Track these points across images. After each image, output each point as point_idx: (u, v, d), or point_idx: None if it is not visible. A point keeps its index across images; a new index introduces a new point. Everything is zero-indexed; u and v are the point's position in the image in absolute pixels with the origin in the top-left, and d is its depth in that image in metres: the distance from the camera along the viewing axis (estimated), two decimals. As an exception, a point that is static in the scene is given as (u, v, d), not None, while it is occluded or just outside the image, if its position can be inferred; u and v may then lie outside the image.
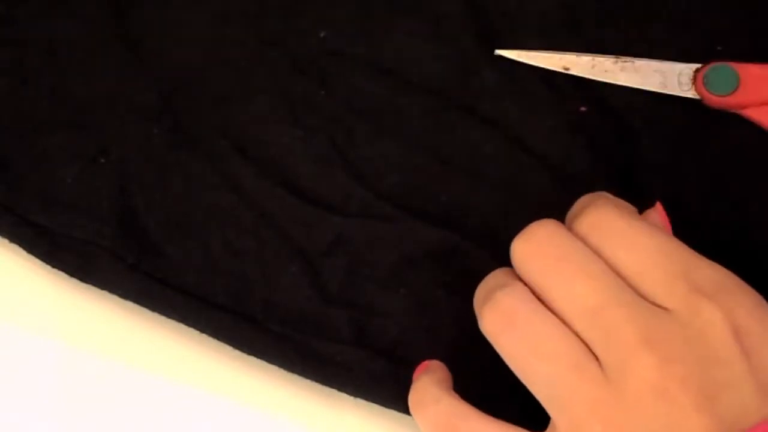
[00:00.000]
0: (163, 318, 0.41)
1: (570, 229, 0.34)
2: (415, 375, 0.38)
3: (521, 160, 0.42)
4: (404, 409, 0.38)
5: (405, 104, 0.43)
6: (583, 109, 0.42)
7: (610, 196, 0.36)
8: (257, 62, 0.44)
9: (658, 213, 0.36)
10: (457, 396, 0.35)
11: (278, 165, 0.43)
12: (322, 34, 0.44)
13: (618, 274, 0.32)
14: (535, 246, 0.34)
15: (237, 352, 0.40)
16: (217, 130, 0.43)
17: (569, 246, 0.33)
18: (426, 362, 0.38)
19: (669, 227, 0.36)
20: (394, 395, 0.39)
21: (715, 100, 0.40)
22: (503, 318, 0.33)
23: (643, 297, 0.32)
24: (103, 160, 0.43)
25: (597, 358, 0.31)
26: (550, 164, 0.41)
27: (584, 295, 0.32)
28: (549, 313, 0.33)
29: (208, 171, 0.43)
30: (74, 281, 0.41)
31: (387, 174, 0.42)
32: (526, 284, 0.34)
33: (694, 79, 0.41)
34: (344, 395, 0.39)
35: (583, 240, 0.33)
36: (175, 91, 0.44)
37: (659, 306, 0.32)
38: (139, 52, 0.44)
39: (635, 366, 0.30)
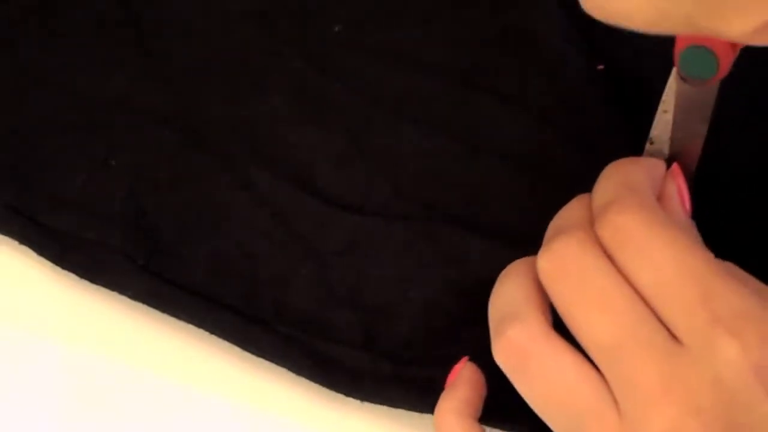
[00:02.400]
0: (167, 319, 0.40)
1: (595, 222, 0.33)
2: (447, 383, 0.36)
3: (544, 134, 0.41)
4: (412, 407, 0.37)
5: (424, 89, 0.42)
6: (600, 67, 0.41)
7: (636, 166, 0.34)
8: (271, 60, 0.43)
9: (674, 178, 0.35)
10: (476, 426, 0.34)
11: (293, 164, 0.42)
12: (336, 29, 0.43)
13: (639, 292, 0.31)
14: (558, 267, 0.32)
15: (242, 353, 0.39)
16: (230, 129, 0.43)
17: (591, 269, 0.32)
18: (457, 368, 0.36)
19: (686, 194, 0.35)
20: (400, 397, 0.38)
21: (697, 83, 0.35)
22: (515, 357, 0.32)
23: (662, 322, 0.31)
24: (113, 162, 0.43)
25: (616, 399, 0.30)
26: (572, 135, 0.41)
27: (602, 329, 0.31)
28: (565, 350, 0.31)
29: (220, 171, 0.42)
30: (78, 282, 0.41)
31: (407, 162, 0.41)
32: (552, 301, 0.33)
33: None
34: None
35: (606, 248, 0.32)
36: (187, 91, 0.43)
37: (678, 336, 0.30)
38: (151, 53, 0.44)
39: (654, 417, 0.29)
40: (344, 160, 0.42)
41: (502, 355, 0.32)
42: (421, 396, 0.37)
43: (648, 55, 0.40)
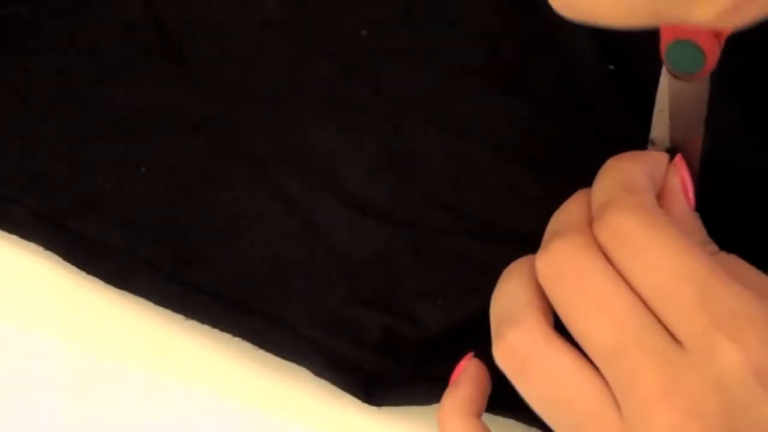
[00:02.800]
0: (170, 318, 0.40)
1: (593, 223, 0.32)
2: (451, 380, 0.36)
3: (573, 139, 0.40)
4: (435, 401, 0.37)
5: (453, 92, 0.42)
6: (611, 67, 0.41)
7: (635, 162, 0.34)
8: (299, 66, 0.43)
9: (678, 170, 0.35)
10: (479, 424, 0.34)
11: (324, 171, 0.41)
12: (363, 33, 0.43)
13: (638, 294, 0.31)
14: (555, 269, 0.32)
15: (246, 353, 0.39)
16: (260, 136, 0.42)
17: (589, 271, 0.31)
18: (462, 365, 0.36)
19: (690, 186, 0.35)
20: (423, 392, 0.37)
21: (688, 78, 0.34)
22: (515, 361, 0.32)
23: (663, 324, 0.30)
24: (143, 169, 0.42)
25: (617, 402, 0.30)
26: (593, 135, 0.40)
27: (602, 333, 0.30)
28: (565, 353, 0.31)
29: (251, 178, 0.42)
30: (79, 281, 0.41)
31: (437, 168, 0.41)
32: (551, 303, 0.32)
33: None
34: (346, 395, 0.38)
35: (604, 250, 0.32)
36: (217, 98, 0.43)
37: (678, 339, 0.30)
38: (180, 61, 0.44)
39: (656, 420, 0.29)
40: (374, 166, 0.41)
41: (502, 358, 0.33)
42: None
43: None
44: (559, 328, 0.32)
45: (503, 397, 0.35)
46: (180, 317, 0.40)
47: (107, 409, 0.40)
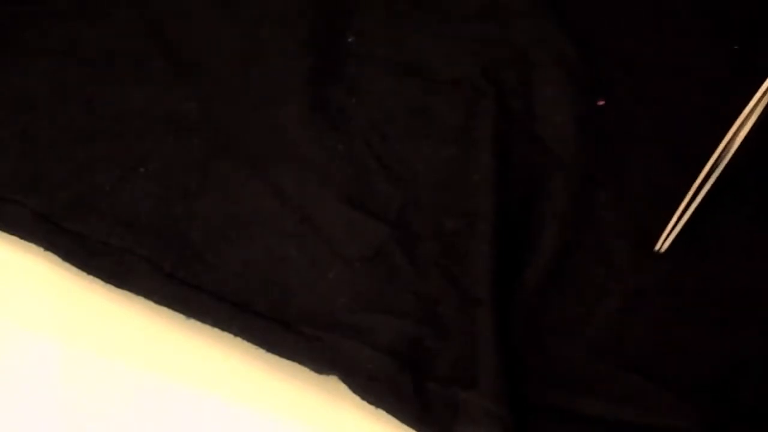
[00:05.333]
0: (171, 317, 0.40)
1: None
2: None
3: (542, 158, 0.41)
4: (420, 428, 0.37)
5: (434, 102, 0.43)
6: (601, 102, 0.42)
7: None
8: (293, 68, 0.44)
9: None
10: None
11: (320, 170, 0.42)
12: (350, 39, 0.44)
13: None
14: None
15: (245, 352, 0.39)
16: (258, 136, 0.43)
17: None
18: None
19: None
20: (413, 415, 0.37)
21: None
22: None
23: None
24: (142, 170, 0.42)
25: None
26: (565, 160, 0.41)
27: None
28: None
29: (249, 177, 0.42)
30: (79, 282, 0.41)
31: (423, 173, 0.42)
32: None
33: None
34: (345, 395, 0.38)
35: None
36: (214, 98, 0.43)
37: None
38: (177, 62, 0.44)
39: None
40: (364, 167, 0.42)
41: None
42: (437, 416, 0.37)
43: (651, 91, 0.41)
44: None
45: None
46: (180, 316, 0.40)
47: (107, 407, 0.40)
